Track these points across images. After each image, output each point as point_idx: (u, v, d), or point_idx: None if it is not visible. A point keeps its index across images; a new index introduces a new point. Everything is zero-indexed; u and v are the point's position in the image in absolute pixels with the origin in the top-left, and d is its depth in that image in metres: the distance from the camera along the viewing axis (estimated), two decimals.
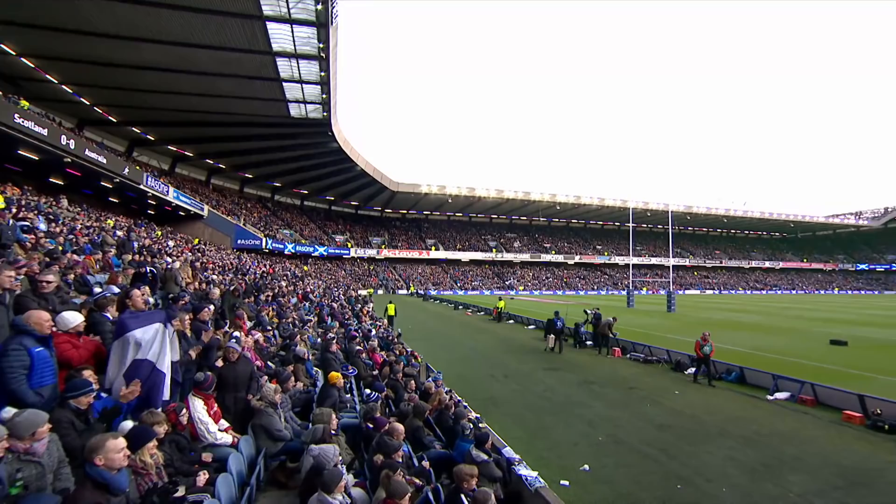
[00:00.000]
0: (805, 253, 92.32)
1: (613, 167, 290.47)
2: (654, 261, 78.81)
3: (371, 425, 5.07)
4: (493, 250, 73.64)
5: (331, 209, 70.79)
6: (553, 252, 76.41)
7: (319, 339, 10.79)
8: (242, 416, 4.59)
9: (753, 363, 12.94)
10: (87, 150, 21.39)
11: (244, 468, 4.03)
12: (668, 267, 48.02)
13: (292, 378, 5.28)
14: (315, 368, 7.61)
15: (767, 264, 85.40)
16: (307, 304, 15.58)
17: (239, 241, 40.56)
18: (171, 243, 20.70)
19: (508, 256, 73.27)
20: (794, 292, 75.56)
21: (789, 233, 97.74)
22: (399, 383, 7.89)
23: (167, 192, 30.28)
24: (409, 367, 9.62)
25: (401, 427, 4.43)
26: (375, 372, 9.00)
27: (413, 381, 7.71)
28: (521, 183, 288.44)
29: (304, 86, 30.22)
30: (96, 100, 30.15)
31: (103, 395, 3.55)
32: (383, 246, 67.88)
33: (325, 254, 59.02)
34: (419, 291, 57.94)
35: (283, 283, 20.70)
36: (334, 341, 8.98)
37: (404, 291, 60.62)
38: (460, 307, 35.66)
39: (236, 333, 5.74)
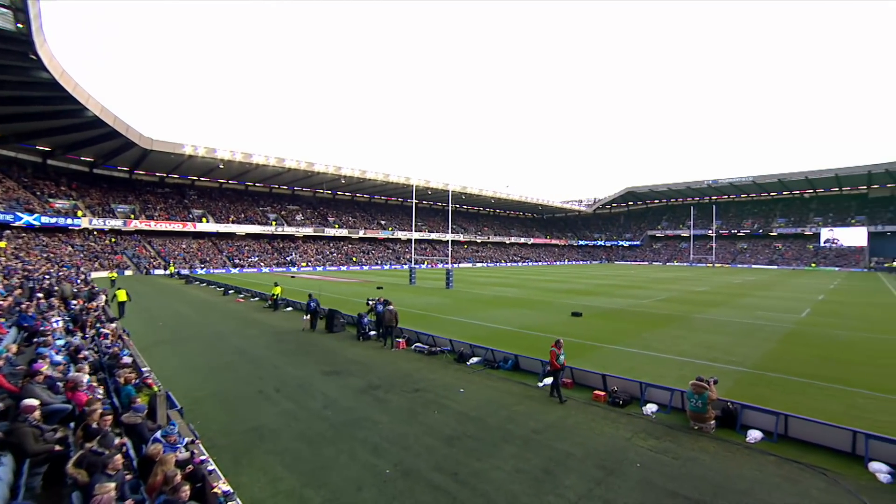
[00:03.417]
0: (548, 231, 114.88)
1: (398, 145, 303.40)
2: (433, 236, 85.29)
3: None
4: (273, 223, 67.48)
5: (46, 163, 52.57)
6: (337, 226, 74.74)
7: None
8: None
9: (519, 343, 14.17)
10: None
11: None
12: (447, 242, 52.11)
13: None
14: None
15: (523, 240, 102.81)
16: None
17: None
18: None
19: (290, 230, 68.31)
20: (540, 263, 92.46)
21: (538, 214, 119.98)
22: (101, 458, 5.01)
23: None
24: (131, 412, 6.62)
25: None
26: (56, 440, 5.82)
27: (119, 456, 5.01)
28: (305, 153, 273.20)
29: None
30: None
31: None
32: (133, 216, 54.41)
33: (38, 224, 43.78)
34: (180, 272, 48.50)
35: None
36: None
37: (162, 272, 49.99)
38: (230, 291, 30.58)
39: None
